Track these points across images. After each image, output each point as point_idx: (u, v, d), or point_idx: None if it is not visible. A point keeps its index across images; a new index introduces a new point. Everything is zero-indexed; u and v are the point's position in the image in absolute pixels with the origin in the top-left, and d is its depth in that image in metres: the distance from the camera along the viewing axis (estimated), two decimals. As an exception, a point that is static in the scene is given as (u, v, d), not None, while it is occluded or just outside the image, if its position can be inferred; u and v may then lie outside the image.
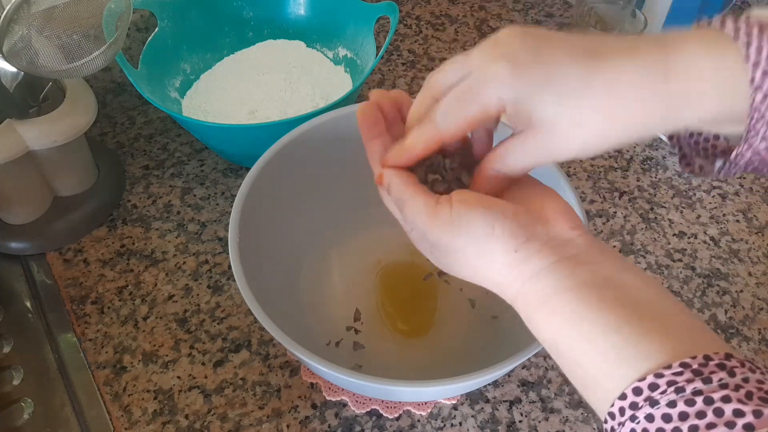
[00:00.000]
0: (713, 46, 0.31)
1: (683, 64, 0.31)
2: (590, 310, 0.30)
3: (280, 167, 0.53)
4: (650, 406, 0.27)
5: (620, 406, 0.28)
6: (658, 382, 0.27)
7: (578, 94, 0.31)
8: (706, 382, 0.26)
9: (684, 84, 0.31)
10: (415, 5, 0.94)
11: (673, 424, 0.26)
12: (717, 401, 0.26)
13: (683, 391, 0.26)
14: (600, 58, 0.31)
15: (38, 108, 0.59)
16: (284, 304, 0.54)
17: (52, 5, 0.51)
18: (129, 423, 0.52)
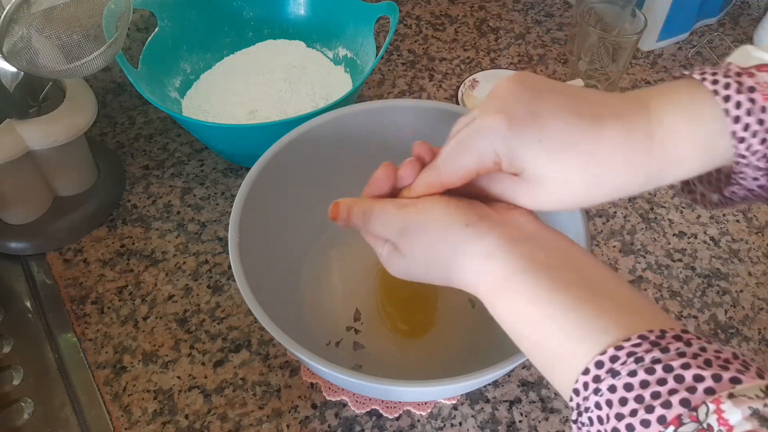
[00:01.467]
0: (691, 108, 0.33)
1: (664, 130, 0.33)
2: (549, 290, 0.31)
3: (280, 167, 0.53)
4: (612, 377, 0.27)
5: (584, 381, 0.29)
6: (619, 354, 0.28)
7: (568, 155, 0.33)
8: (664, 351, 0.27)
9: (665, 150, 0.33)
10: (415, 5, 0.94)
11: (635, 392, 0.27)
12: (677, 368, 0.26)
13: (642, 361, 0.27)
14: (590, 118, 0.33)
15: (38, 108, 0.59)
16: (284, 304, 0.54)
17: (52, 5, 0.51)
18: (129, 423, 0.52)
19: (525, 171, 0.34)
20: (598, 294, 0.31)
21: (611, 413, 0.27)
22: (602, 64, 0.75)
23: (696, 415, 0.25)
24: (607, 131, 0.33)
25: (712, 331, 0.58)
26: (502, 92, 0.34)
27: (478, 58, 0.85)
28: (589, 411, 0.28)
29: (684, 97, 0.33)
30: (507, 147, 0.33)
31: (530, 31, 0.90)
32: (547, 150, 0.33)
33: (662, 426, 0.25)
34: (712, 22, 0.91)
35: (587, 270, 0.33)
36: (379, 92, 0.80)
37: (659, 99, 0.33)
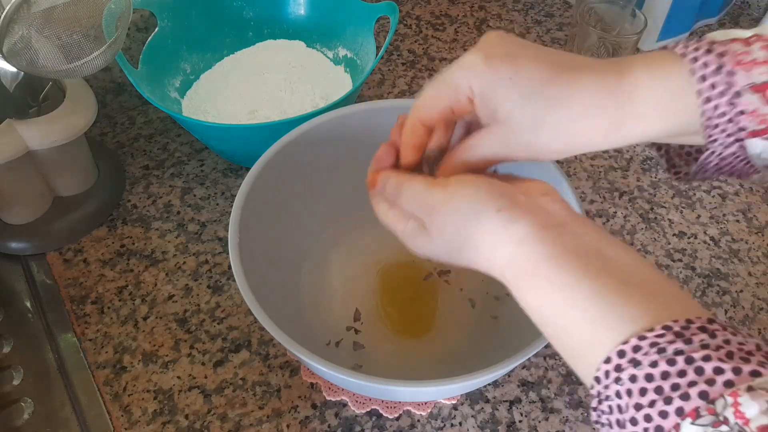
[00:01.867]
0: (659, 65, 0.34)
1: (632, 82, 0.34)
2: (577, 277, 0.31)
3: (280, 167, 0.53)
4: (633, 367, 0.28)
5: (605, 369, 0.29)
6: (641, 344, 0.28)
7: (539, 96, 0.34)
8: (687, 342, 0.27)
9: (631, 101, 0.34)
10: (415, 5, 0.94)
11: (655, 383, 0.27)
12: (698, 360, 0.26)
13: (665, 352, 0.27)
14: (564, 68, 0.35)
15: (38, 108, 0.59)
16: (284, 304, 0.54)
17: (52, 5, 0.51)
18: (129, 423, 0.52)
19: (497, 112, 0.35)
20: (627, 282, 0.31)
21: (630, 402, 0.27)
22: (602, 64, 0.75)
23: (714, 408, 0.25)
24: (579, 79, 0.34)
25: (712, 331, 0.58)
26: (485, 38, 0.36)
27: (478, 58, 0.85)
28: (609, 399, 0.28)
29: (656, 59, 0.35)
30: (481, 82, 0.35)
31: (530, 31, 0.90)
32: (519, 90, 0.34)
33: (679, 418, 0.25)
34: (712, 22, 0.91)
35: (617, 257, 0.33)
36: (379, 92, 0.80)
37: (633, 61, 0.35)
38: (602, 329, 0.30)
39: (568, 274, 0.32)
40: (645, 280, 0.32)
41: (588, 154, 0.73)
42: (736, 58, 0.33)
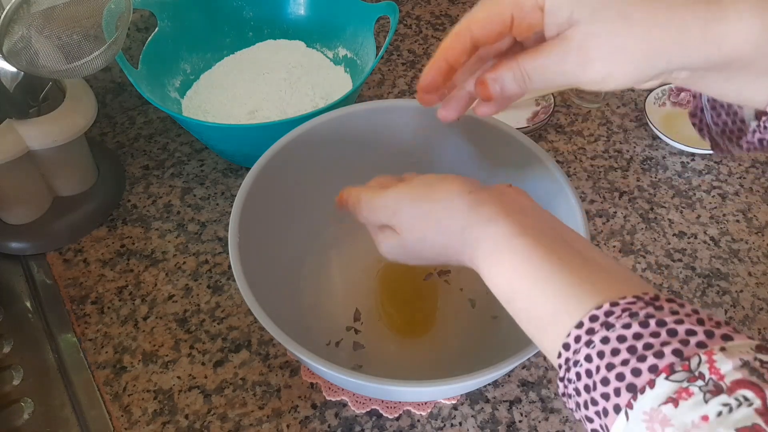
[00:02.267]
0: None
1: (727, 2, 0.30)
2: (546, 252, 0.32)
3: (280, 167, 0.53)
4: (606, 330, 0.28)
5: (576, 334, 0.29)
6: (614, 309, 0.28)
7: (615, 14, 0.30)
8: (658, 309, 0.28)
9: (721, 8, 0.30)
10: (415, 5, 0.94)
11: (627, 344, 0.27)
12: (670, 323, 0.27)
13: (637, 316, 0.28)
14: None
15: (38, 108, 0.59)
16: (284, 304, 0.54)
17: (52, 5, 0.51)
18: (129, 423, 0.52)
19: (574, 26, 0.31)
20: (591, 262, 0.32)
21: (602, 364, 0.27)
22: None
23: (688, 365, 0.25)
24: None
25: (712, 331, 0.58)
26: None
27: (478, 58, 0.85)
28: (578, 365, 0.29)
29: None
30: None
31: (530, 31, 0.90)
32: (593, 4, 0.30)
33: (653, 374, 0.26)
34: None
35: (579, 244, 0.34)
36: (379, 92, 0.80)
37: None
38: (572, 300, 0.30)
39: (536, 249, 0.33)
40: (607, 264, 0.33)
41: (588, 154, 0.73)
42: None
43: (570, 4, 0.31)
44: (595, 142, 0.74)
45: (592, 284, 0.30)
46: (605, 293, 0.29)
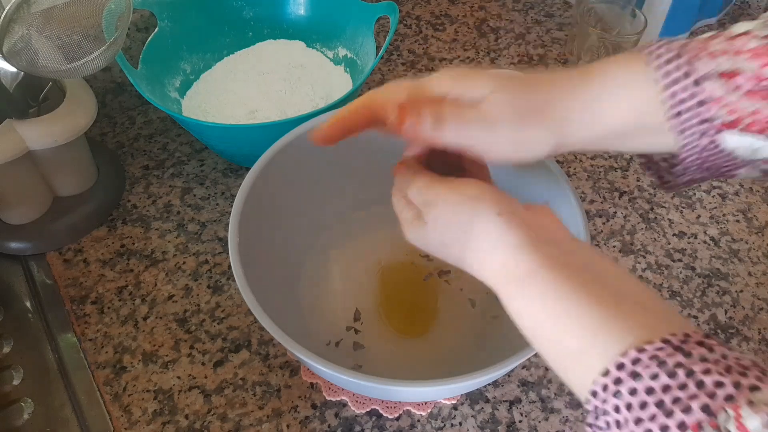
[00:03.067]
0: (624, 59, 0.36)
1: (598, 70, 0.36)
2: (574, 287, 0.31)
3: (280, 167, 0.53)
4: (633, 380, 0.27)
5: (603, 383, 0.28)
6: (641, 357, 0.27)
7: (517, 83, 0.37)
8: (687, 356, 0.27)
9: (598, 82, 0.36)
10: (415, 5, 0.94)
11: (656, 397, 0.26)
12: (698, 373, 0.26)
13: (665, 365, 0.27)
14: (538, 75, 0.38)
15: (38, 108, 0.59)
16: (284, 304, 0.54)
17: (52, 5, 0.51)
18: (129, 423, 0.52)
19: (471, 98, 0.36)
20: (622, 297, 0.31)
21: (630, 417, 0.27)
22: (602, 64, 0.75)
23: (716, 422, 0.25)
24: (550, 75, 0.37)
25: (713, 331, 0.58)
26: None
27: (478, 58, 0.85)
28: (607, 414, 0.28)
29: (622, 56, 0.37)
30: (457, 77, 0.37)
31: (530, 31, 0.90)
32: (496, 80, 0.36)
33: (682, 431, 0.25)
34: (712, 22, 0.91)
35: (611, 275, 0.33)
36: (379, 92, 0.80)
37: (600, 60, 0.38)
38: (598, 339, 0.29)
39: (563, 284, 0.31)
40: (640, 296, 0.31)
41: (588, 154, 0.73)
42: (696, 49, 0.34)
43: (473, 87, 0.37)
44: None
45: (622, 322, 0.29)
46: (635, 333, 0.28)
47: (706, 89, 0.33)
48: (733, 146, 0.35)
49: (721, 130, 0.34)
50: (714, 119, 0.34)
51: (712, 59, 0.34)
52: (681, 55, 0.34)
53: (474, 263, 0.36)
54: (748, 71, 0.33)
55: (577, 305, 0.31)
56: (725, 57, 0.33)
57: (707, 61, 0.34)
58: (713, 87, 0.33)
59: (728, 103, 0.33)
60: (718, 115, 0.34)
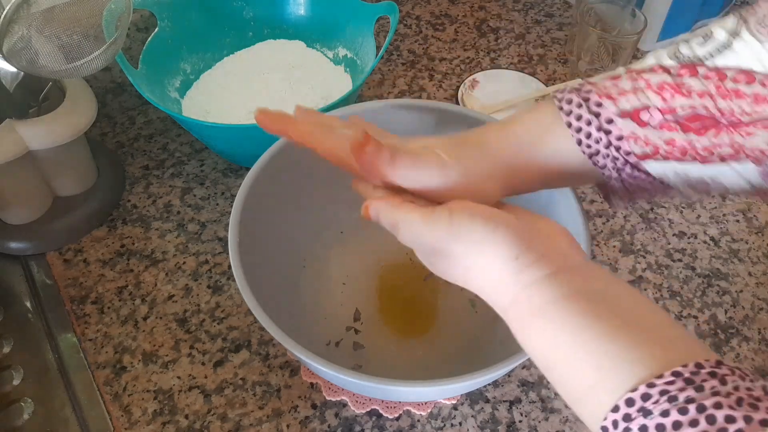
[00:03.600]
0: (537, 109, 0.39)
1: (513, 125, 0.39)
2: (585, 318, 0.31)
3: (280, 167, 0.53)
4: (643, 417, 0.27)
5: (613, 419, 0.28)
6: (651, 392, 0.27)
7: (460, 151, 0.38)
8: (698, 390, 0.27)
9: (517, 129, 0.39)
10: (415, 5, 0.94)
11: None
12: (709, 408, 0.26)
13: (676, 400, 0.26)
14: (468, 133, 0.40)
15: (38, 108, 0.59)
16: (284, 304, 0.54)
17: (52, 5, 0.51)
18: (129, 423, 0.52)
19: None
20: (635, 325, 0.31)
21: None
22: (602, 64, 0.75)
23: None
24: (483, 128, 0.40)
25: (712, 331, 0.58)
26: None
27: (478, 58, 0.85)
28: None
29: (537, 106, 0.39)
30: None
31: (530, 31, 0.90)
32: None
33: None
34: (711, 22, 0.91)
35: (625, 301, 0.32)
36: (379, 92, 0.80)
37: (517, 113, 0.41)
38: (609, 372, 0.29)
39: (576, 315, 0.31)
40: (653, 323, 0.31)
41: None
42: (605, 91, 0.36)
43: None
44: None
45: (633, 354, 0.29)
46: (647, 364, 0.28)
47: (616, 128, 0.36)
48: (660, 172, 0.37)
49: (641, 160, 0.37)
50: (630, 153, 0.36)
51: (617, 100, 0.36)
52: (588, 99, 0.36)
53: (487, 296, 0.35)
54: (655, 105, 0.35)
55: (589, 336, 0.30)
56: (630, 96, 0.36)
57: (611, 103, 0.36)
58: (623, 125, 0.36)
59: (640, 137, 0.36)
60: (633, 149, 0.36)
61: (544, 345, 0.32)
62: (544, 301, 0.32)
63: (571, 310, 0.31)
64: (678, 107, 0.35)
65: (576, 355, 0.30)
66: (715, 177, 0.37)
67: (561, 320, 0.31)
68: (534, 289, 0.32)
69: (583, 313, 0.31)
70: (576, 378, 0.30)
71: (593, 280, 0.33)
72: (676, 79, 0.35)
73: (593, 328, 0.30)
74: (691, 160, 0.36)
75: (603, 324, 0.30)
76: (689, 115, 0.35)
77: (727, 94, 0.34)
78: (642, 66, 0.37)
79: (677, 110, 0.35)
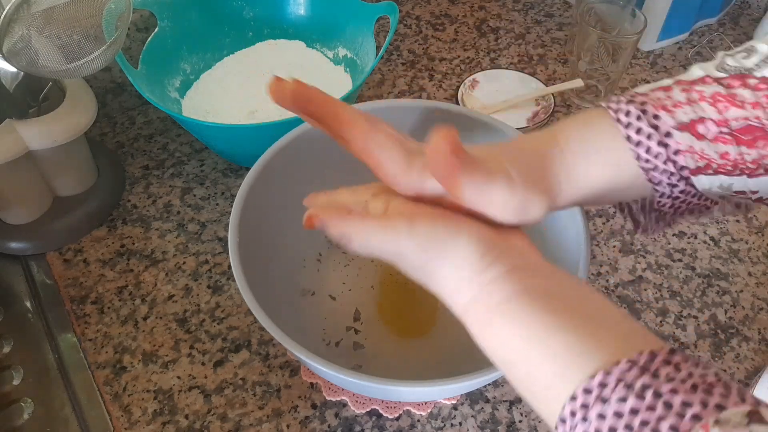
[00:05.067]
0: (590, 120, 0.37)
1: (565, 136, 0.37)
2: (542, 313, 0.31)
3: (280, 167, 0.53)
4: (601, 404, 0.27)
5: (571, 409, 0.28)
6: (607, 380, 0.27)
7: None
8: (654, 376, 0.27)
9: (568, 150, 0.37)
10: (415, 5, 0.94)
11: (624, 420, 0.26)
12: (665, 394, 0.26)
13: (632, 388, 0.27)
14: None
15: (38, 108, 0.59)
16: (284, 304, 0.54)
17: (52, 5, 0.51)
18: (129, 423, 0.52)
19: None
20: (591, 319, 0.31)
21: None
22: (602, 64, 0.75)
23: None
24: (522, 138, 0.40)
25: (712, 331, 0.58)
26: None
27: (478, 58, 0.85)
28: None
29: (586, 114, 0.38)
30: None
31: (530, 31, 0.90)
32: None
33: None
34: (712, 22, 0.91)
35: (580, 297, 0.33)
36: (379, 92, 0.80)
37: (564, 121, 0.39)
38: (568, 365, 0.29)
39: (533, 310, 0.31)
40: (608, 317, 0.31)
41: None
42: (660, 103, 0.35)
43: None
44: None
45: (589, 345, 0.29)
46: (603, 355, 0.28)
47: (673, 142, 0.35)
48: (706, 186, 0.36)
49: (693, 175, 0.36)
50: (685, 167, 0.36)
51: (674, 112, 0.35)
52: (646, 111, 0.35)
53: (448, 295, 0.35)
54: (711, 117, 0.34)
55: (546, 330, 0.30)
56: (686, 108, 0.35)
57: (669, 115, 0.35)
58: (681, 138, 0.35)
59: (696, 150, 0.35)
60: (688, 164, 0.35)
61: (502, 342, 0.32)
62: (503, 298, 0.32)
63: (528, 306, 0.32)
64: (732, 119, 0.34)
65: (534, 349, 0.31)
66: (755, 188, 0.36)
67: (519, 316, 0.32)
68: (495, 287, 0.33)
69: (541, 309, 0.31)
70: (534, 375, 0.31)
71: (549, 277, 0.34)
72: (729, 90, 0.35)
73: (549, 322, 0.31)
74: (739, 174, 0.35)
75: (560, 318, 0.31)
76: (742, 126, 0.34)
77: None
78: (690, 77, 0.36)
79: (731, 122, 0.34)
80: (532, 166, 0.36)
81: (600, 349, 0.29)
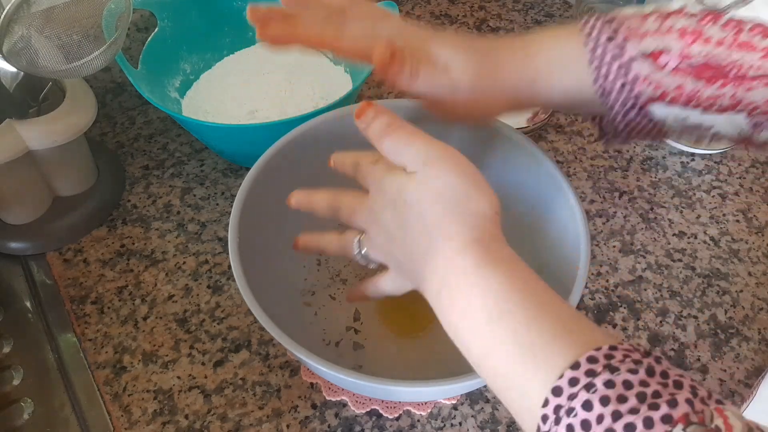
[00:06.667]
0: (562, 35, 0.40)
1: (536, 46, 0.40)
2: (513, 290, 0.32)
3: (280, 167, 0.53)
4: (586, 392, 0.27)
5: (543, 413, 0.28)
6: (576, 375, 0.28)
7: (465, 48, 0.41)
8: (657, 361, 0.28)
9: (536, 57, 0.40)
10: (415, 5, 0.94)
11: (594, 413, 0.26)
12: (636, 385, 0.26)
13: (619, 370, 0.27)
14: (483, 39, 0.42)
15: (38, 108, 0.59)
16: (284, 304, 0.54)
17: (52, 5, 0.51)
18: (129, 423, 0.52)
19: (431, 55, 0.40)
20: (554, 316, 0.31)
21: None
22: (602, 64, 0.75)
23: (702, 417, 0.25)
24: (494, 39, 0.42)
25: (712, 331, 0.58)
26: None
27: (478, 58, 0.85)
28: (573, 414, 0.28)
29: (561, 29, 0.40)
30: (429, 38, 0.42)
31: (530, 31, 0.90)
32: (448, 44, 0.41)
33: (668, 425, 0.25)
34: (712, 22, 0.91)
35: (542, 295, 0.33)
36: (379, 92, 0.80)
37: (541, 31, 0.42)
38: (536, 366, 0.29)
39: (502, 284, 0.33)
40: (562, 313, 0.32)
41: (588, 154, 0.73)
42: (630, 30, 0.37)
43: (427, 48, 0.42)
44: (595, 142, 0.74)
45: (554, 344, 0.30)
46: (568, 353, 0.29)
47: (633, 69, 0.37)
48: (662, 116, 0.38)
49: (648, 103, 0.37)
50: (641, 95, 0.37)
51: (642, 40, 0.36)
52: (614, 38, 0.37)
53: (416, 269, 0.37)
54: (675, 49, 0.36)
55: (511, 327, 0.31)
56: (655, 37, 0.36)
57: (636, 43, 0.36)
58: (640, 67, 0.36)
59: (654, 80, 0.36)
60: (644, 92, 0.37)
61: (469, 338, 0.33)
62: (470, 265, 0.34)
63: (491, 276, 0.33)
64: (695, 54, 0.36)
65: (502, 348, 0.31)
66: (710, 123, 0.38)
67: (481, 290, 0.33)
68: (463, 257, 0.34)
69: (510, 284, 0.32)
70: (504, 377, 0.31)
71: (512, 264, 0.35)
72: (699, 25, 0.36)
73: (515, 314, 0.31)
74: (693, 108, 0.37)
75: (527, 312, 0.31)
76: (702, 63, 0.36)
77: (742, 46, 0.35)
78: (670, 9, 0.37)
79: (693, 57, 0.36)
80: (487, 74, 0.40)
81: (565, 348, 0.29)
